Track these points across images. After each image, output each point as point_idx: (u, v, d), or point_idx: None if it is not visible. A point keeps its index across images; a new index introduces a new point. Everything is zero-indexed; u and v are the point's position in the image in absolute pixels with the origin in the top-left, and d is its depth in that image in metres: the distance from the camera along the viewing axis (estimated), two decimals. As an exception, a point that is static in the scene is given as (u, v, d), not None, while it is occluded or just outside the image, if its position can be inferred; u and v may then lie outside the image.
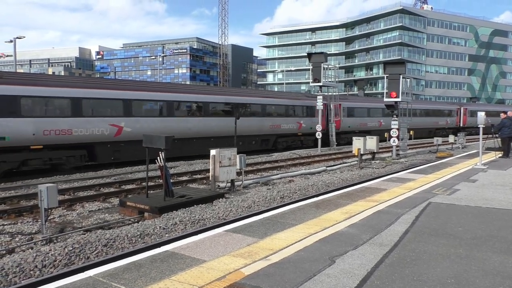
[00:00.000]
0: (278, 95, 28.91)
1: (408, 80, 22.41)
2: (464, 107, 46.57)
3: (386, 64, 21.48)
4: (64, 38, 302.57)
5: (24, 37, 43.01)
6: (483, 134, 15.10)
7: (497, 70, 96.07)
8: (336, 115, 28.87)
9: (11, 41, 40.87)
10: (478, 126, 14.55)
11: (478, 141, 15.73)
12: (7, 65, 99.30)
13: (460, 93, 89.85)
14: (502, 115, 17.23)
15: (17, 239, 7.79)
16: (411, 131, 29.83)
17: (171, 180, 11.09)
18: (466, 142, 29.23)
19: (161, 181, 11.65)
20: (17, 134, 14.39)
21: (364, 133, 29.73)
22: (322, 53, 25.45)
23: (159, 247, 5.53)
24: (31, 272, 6.02)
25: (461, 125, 45.45)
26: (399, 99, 20.30)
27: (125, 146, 17.48)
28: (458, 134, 28.99)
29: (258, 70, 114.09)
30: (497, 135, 18.02)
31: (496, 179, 11.44)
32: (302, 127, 27.16)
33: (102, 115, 16.86)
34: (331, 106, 28.00)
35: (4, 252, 7.01)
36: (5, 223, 8.93)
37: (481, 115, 14.39)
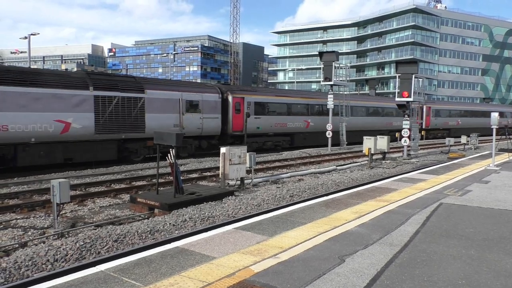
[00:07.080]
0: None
1: (421, 80, 22.20)
2: (427, 105, 39.00)
3: (398, 63, 21.32)
4: (79, 35, 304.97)
5: (39, 33, 43.17)
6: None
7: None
8: (237, 111, 22.62)
9: (25, 38, 41.35)
10: (492, 127, 14.37)
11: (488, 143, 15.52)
12: (21, 62, 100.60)
13: (473, 94, 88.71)
14: None
15: (29, 233, 7.92)
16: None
17: (181, 177, 11.15)
18: (478, 143, 28.87)
19: (171, 178, 11.73)
20: None
21: (282, 135, 25.54)
22: (333, 52, 25.30)
23: (169, 243, 5.58)
24: (43, 265, 6.11)
25: (423, 126, 37.87)
26: (411, 99, 20.15)
27: None
28: (471, 135, 28.54)
29: (269, 69, 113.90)
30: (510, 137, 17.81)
31: (509, 181, 11.29)
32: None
33: None
34: (230, 99, 22.23)
35: (17, 245, 7.13)
36: (18, 217, 9.08)
37: (495, 115, 14.21)
